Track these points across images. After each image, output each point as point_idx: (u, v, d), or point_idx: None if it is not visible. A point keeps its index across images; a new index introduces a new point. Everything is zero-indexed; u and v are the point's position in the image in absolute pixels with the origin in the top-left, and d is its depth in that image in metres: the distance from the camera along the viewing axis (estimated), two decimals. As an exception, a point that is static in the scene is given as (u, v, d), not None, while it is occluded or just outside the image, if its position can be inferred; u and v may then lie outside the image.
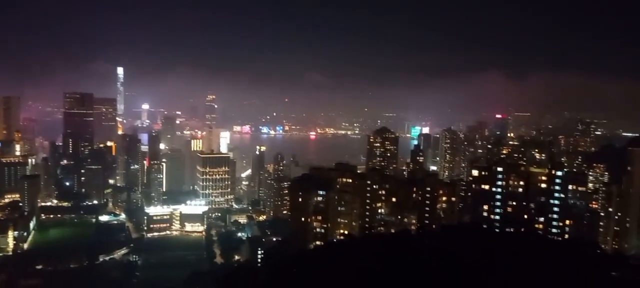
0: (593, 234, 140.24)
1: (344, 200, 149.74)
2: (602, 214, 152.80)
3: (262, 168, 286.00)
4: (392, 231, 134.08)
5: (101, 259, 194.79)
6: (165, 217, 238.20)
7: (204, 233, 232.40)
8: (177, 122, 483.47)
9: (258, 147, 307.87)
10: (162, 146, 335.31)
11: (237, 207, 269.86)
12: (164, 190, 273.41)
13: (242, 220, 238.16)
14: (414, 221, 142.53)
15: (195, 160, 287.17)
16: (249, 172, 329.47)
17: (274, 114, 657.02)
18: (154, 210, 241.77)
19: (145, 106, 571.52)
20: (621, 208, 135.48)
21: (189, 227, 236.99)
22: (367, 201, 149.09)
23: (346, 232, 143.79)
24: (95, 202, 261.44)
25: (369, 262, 80.00)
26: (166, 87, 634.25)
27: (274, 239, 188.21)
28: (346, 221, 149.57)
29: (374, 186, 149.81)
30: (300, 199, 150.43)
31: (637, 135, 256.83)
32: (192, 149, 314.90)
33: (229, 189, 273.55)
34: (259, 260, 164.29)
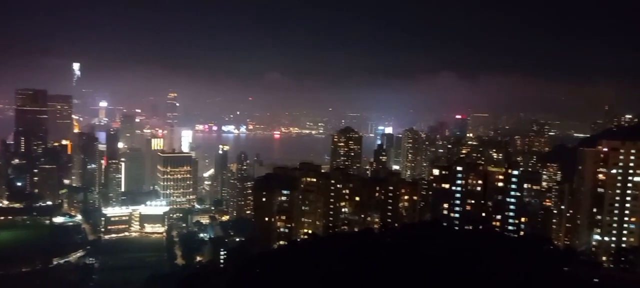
0: (546, 231, 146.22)
1: (308, 200, 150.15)
2: (554, 212, 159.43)
3: (225, 168, 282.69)
4: (356, 230, 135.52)
5: (55, 262, 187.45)
6: (124, 218, 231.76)
7: (164, 234, 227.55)
8: (137, 120, 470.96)
9: (221, 146, 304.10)
10: (120, 145, 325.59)
11: (199, 207, 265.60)
12: (123, 190, 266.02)
13: (205, 220, 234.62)
14: (377, 220, 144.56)
15: (156, 160, 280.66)
16: (211, 171, 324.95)
17: (238, 113, 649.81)
18: (112, 211, 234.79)
19: (103, 103, 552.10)
20: (572, 206, 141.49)
21: (149, 228, 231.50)
22: (331, 200, 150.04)
23: (310, 232, 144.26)
24: (50, 203, 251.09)
25: (333, 261, 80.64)
26: (125, 84, 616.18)
27: (237, 239, 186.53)
28: (310, 220, 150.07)
29: (338, 185, 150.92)
30: (264, 199, 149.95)
31: (587, 135, 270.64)
32: (153, 148, 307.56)
33: (191, 189, 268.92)
34: (222, 260, 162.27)
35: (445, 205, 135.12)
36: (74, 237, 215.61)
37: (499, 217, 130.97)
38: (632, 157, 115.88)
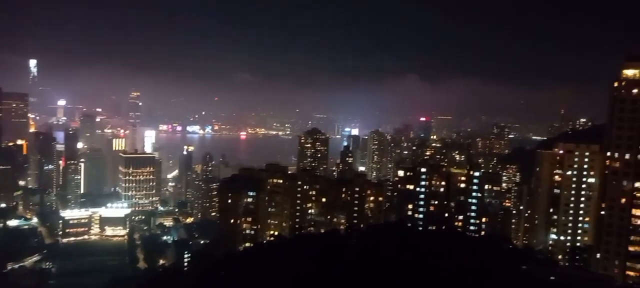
0: (506, 231, 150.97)
1: (275, 201, 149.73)
2: (514, 212, 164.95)
3: (190, 169, 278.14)
4: (322, 231, 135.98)
5: (10, 267, 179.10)
6: (83, 220, 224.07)
7: (126, 237, 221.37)
8: (98, 119, 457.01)
9: (186, 147, 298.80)
10: (80, 145, 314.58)
11: (162, 209, 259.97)
12: (82, 192, 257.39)
13: (168, 222, 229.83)
14: (343, 221, 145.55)
15: (118, 161, 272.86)
16: (175, 172, 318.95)
17: (203, 113, 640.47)
18: (70, 213, 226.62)
19: (62, 102, 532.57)
20: (530, 206, 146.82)
21: (109, 231, 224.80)
22: (298, 201, 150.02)
23: (276, 233, 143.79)
24: (3, 205, 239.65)
25: (299, 262, 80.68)
26: (86, 83, 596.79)
27: (202, 242, 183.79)
28: (276, 222, 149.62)
29: (305, 186, 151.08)
30: (229, 200, 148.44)
31: (544, 138, 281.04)
32: (114, 149, 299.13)
33: (154, 191, 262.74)
34: (186, 263, 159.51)
35: (410, 206, 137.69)
36: (30, 241, 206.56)
37: (461, 217, 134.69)
38: (586, 159, 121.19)
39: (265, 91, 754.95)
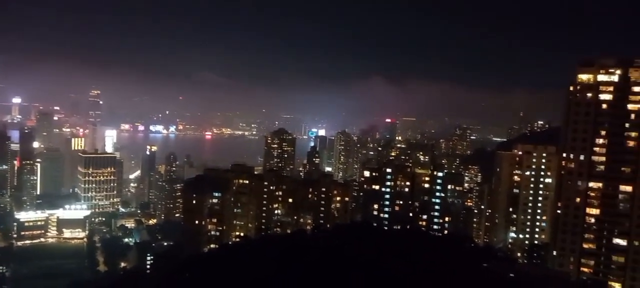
0: (468, 229, 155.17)
1: (241, 202, 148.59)
2: (475, 211, 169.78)
3: (153, 170, 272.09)
4: (288, 232, 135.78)
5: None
6: (39, 222, 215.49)
7: (85, 239, 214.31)
8: (55, 118, 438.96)
9: (149, 147, 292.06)
10: (36, 144, 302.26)
11: (124, 210, 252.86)
12: (39, 193, 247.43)
13: (130, 224, 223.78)
14: (309, 221, 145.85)
15: (77, 161, 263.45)
16: (138, 173, 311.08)
17: (167, 113, 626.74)
18: (25, 215, 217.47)
19: (17, 100, 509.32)
20: (491, 205, 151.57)
21: (68, 233, 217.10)
22: (264, 202, 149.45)
23: (242, 234, 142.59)
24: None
25: (264, 263, 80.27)
26: (43, 80, 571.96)
27: (165, 244, 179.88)
28: (242, 223, 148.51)
29: (271, 187, 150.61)
30: (194, 201, 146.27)
31: (504, 140, 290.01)
32: (73, 148, 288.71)
33: (115, 192, 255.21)
34: (148, 266, 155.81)
35: (375, 206, 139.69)
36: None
37: (425, 216, 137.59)
38: (543, 160, 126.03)
39: (231, 91, 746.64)
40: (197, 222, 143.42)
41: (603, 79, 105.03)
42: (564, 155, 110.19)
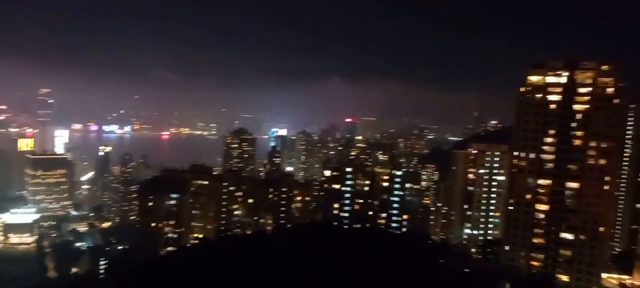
0: (425, 226, 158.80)
1: (199, 203, 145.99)
2: (432, 208, 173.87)
3: (107, 171, 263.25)
4: (248, 232, 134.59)
5: None
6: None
7: (34, 244, 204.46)
8: (2, 117, 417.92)
9: (102, 147, 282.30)
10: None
11: (76, 213, 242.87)
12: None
13: (82, 228, 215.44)
14: (270, 221, 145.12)
15: (24, 162, 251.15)
16: (91, 174, 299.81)
17: (122, 112, 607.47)
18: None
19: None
20: (447, 203, 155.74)
21: (15, 238, 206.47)
22: (224, 203, 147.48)
23: (201, 236, 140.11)
24: None
25: (223, 265, 79.18)
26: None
27: (120, 247, 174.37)
28: (201, 224, 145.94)
29: (231, 187, 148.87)
30: (150, 203, 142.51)
31: (460, 139, 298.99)
32: (20, 149, 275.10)
33: (67, 194, 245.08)
34: (102, 270, 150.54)
35: (336, 205, 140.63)
36: None
37: (384, 214, 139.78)
38: (496, 159, 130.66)
39: (189, 90, 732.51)
40: (153, 224, 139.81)
41: (551, 80, 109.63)
42: (515, 153, 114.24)
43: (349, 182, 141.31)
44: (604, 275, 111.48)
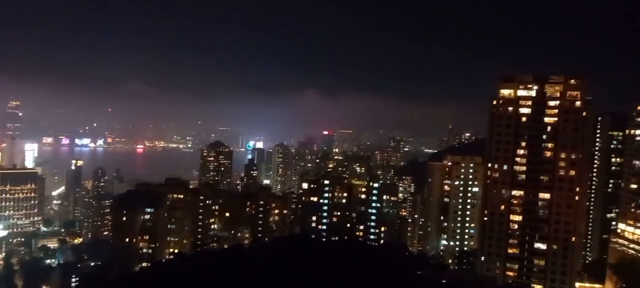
0: (402, 238, 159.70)
1: (175, 217, 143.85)
2: (409, 220, 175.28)
3: (79, 185, 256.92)
4: (225, 246, 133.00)
5: None
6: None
7: (1, 262, 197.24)
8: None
9: (74, 161, 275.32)
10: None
11: (46, 229, 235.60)
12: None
13: (53, 244, 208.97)
14: (247, 235, 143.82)
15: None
16: (62, 189, 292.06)
17: (95, 125, 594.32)
18: None
19: None
20: (424, 214, 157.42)
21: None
22: (200, 217, 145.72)
23: (176, 251, 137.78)
24: None
25: (199, 280, 78.03)
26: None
27: (93, 264, 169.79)
28: (177, 239, 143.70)
29: (207, 201, 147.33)
30: (124, 218, 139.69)
31: (435, 151, 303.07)
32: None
33: (36, 210, 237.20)
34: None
35: (314, 218, 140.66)
36: None
37: (361, 227, 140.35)
38: (470, 171, 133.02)
39: (164, 103, 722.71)
40: (127, 239, 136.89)
41: (522, 93, 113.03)
42: (489, 165, 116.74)
43: (326, 195, 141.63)
44: (576, 284, 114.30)
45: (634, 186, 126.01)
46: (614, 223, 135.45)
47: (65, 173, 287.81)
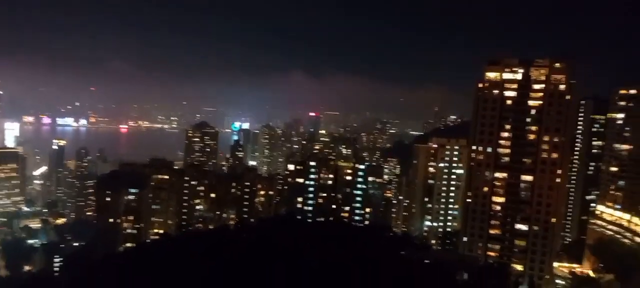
0: (387, 219, 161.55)
1: (160, 198, 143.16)
2: (394, 201, 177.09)
3: (62, 165, 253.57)
4: (211, 227, 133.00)
5: None
6: None
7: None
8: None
9: (56, 141, 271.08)
10: None
11: (28, 209, 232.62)
12: None
13: (35, 224, 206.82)
14: (233, 216, 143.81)
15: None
16: (44, 169, 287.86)
17: (77, 104, 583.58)
18: None
19: None
20: (408, 196, 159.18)
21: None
22: (185, 198, 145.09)
23: (161, 231, 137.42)
24: None
25: (185, 261, 78.02)
26: None
27: (76, 244, 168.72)
28: (162, 220, 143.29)
29: (193, 182, 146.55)
30: (108, 198, 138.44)
31: (421, 133, 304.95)
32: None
33: (18, 190, 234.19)
34: (57, 268, 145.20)
35: (300, 199, 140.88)
36: None
37: (347, 208, 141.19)
38: (455, 153, 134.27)
39: (148, 82, 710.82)
40: (111, 220, 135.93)
41: (508, 77, 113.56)
42: (473, 147, 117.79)
43: (312, 176, 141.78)
44: (555, 264, 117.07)
45: (613, 169, 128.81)
46: (593, 205, 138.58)
47: (47, 152, 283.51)
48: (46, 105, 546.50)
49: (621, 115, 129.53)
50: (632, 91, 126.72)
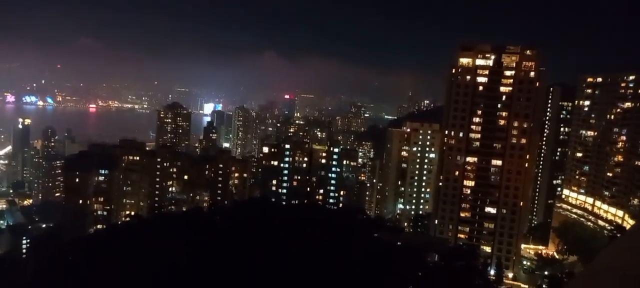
0: (361, 202, 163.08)
1: (131, 179, 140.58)
2: (368, 185, 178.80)
3: (27, 145, 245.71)
4: (184, 209, 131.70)
5: None
6: None
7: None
8: None
9: (21, 120, 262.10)
10: None
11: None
12: None
13: (1, 205, 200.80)
14: (206, 198, 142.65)
15: None
16: (9, 149, 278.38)
17: (43, 82, 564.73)
18: None
19: None
20: (382, 179, 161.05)
21: None
22: (157, 179, 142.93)
23: (133, 213, 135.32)
24: None
25: (157, 243, 77.26)
26: None
27: (44, 226, 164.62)
28: (133, 201, 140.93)
29: (165, 164, 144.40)
30: (77, 179, 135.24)
31: (395, 118, 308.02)
32: None
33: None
34: (24, 250, 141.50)
35: (274, 182, 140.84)
36: None
37: (321, 191, 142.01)
38: (428, 137, 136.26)
39: (118, 61, 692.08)
40: (81, 201, 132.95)
41: (480, 63, 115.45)
42: (446, 132, 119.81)
43: (287, 159, 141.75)
44: (522, 246, 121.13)
45: (579, 154, 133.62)
46: (559, 189, 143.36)
47: (11, 132, 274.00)
48: (9, 82, 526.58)
49: (587, 103, 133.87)
50: (599, 79, 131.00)
